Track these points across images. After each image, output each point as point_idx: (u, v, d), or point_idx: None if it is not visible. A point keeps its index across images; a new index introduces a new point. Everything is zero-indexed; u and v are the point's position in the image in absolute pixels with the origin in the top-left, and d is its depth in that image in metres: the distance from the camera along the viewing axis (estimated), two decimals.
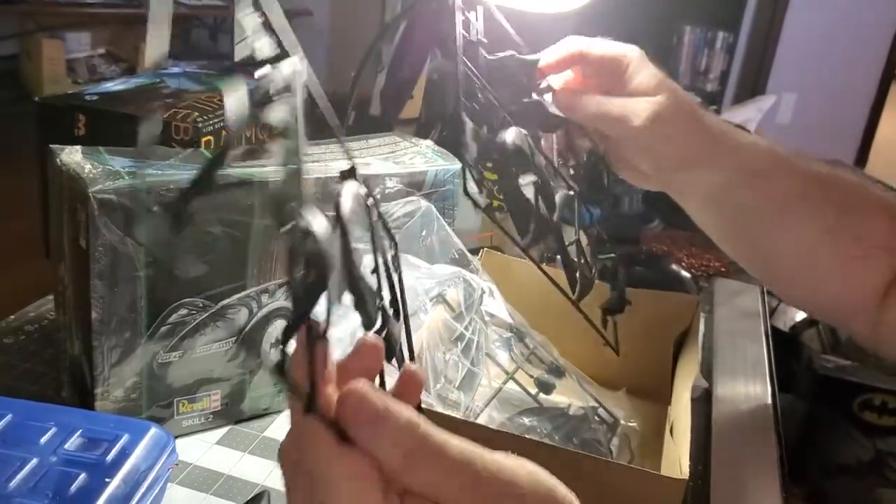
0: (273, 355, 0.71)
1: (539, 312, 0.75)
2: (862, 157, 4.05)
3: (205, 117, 0.79)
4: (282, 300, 0.69)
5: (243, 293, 0.67)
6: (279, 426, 0.73)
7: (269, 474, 0.66)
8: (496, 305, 0.76)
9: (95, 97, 0.85)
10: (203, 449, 0.69)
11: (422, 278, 0.72)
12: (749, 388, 0.86)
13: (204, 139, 0.79)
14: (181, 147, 0.79)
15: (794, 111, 3.92)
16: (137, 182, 0.60)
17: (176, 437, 0.68)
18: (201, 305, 0.64)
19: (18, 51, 4.08)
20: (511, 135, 0.53)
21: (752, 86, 3.83)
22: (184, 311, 0.64)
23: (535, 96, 0.65)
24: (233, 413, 0.71)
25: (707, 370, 0.89)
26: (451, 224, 0.79)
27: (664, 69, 0.73)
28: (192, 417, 0.68)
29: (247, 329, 0.68)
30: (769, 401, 0.85)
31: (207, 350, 0.66)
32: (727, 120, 0.81)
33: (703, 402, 0.83)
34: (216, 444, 0.70)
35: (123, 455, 0.51)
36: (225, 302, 0.66)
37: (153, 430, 0.54)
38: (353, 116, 1.02)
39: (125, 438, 0.53)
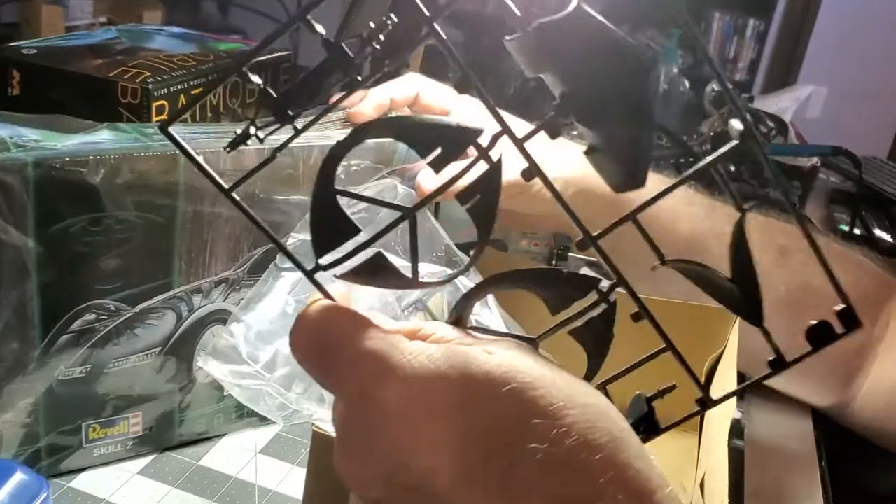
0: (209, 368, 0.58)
1: (544, 326, 0.63)
2: (894, 155, 3.91)
3: (158, 78, 0.66)
4: (219, 301, 0.56)
5: (168, 294, 0.54)
6: (218, 454, 0.60)
7: None
8: (490, 315, 0.63)
9: (34, 51, 0.72)
10: (120, 481, 0.57)
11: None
12: (788, 415, 0.74)
13: (155, 104, 0.66)
14: (129, 112, 0.66)
15: (825, 106, 3.79)
16: (23, 155, 0.46)
17: (85, 469, 0.56)
18: (113, 309, 0.52)
19: (18, 19, 3.98)
20: None
21: (783, 77, 3.69)
22: (91, 317, 0.51)
23: None
24: (161, 439, 0.58)
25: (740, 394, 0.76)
26: (436, 213, 0.66)
27: (691, 57, 0.67)
28: (107, 445, 0.56)
29: (175, 338, 0.55)
30: (812, 432, 0.72)
31: (124, 363, 0.54)
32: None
33: (734, 434, 0.70)
34: (138, 474, 0.58)
35: None
36: (145, 305, 0.53)
37: (19, 475, 0.41)
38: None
39: None
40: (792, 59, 3.71)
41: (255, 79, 0.31)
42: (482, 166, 0.32)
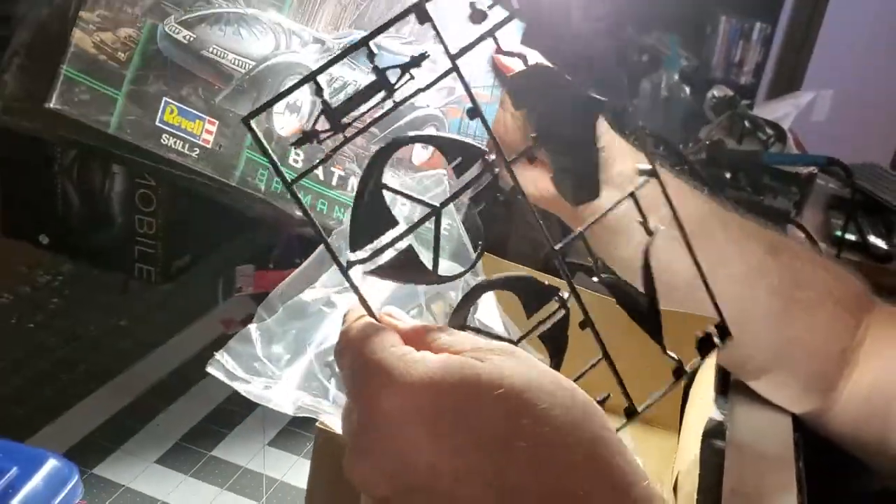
0: None
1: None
2: None
3: None
4: (310, 59, 0.59)
5: (276, 17, 0.56)
6: (229, 445, 0.64)
7: None
8: (490, 315, 0.66)
9: None
10: (139, 469, 0.61)
11: None
12: (769, 417, 0.77)
13: None
14: None
15: (831, 109, 3.77)
16: None
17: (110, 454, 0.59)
18: None
19: None
20: None
21: (788, 80, 3.68)
22: None
23: None
24: (221, 165, 0.58)
25: (723, 390, 0.79)
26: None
27: (696, 60, 0.70)
28: (175, 138, 0.55)
29: (263, 66, 0.57)
30: (791, 434, 0.76)
31: (219, 58, 0.55)
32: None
33: (715, 437, 0.74)
34: (155, 462, 0.62)
35: (8, 495, 0.43)
36: (255, 11, 0.56)
37: (51, 462, 0.46)
38: None
39: (13, 473, 0.44)
40: (798, 63, 3.70)
41: (322, 94, 0.37)
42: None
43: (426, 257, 0.40)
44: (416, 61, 0.38)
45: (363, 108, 0.39)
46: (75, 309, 0.79)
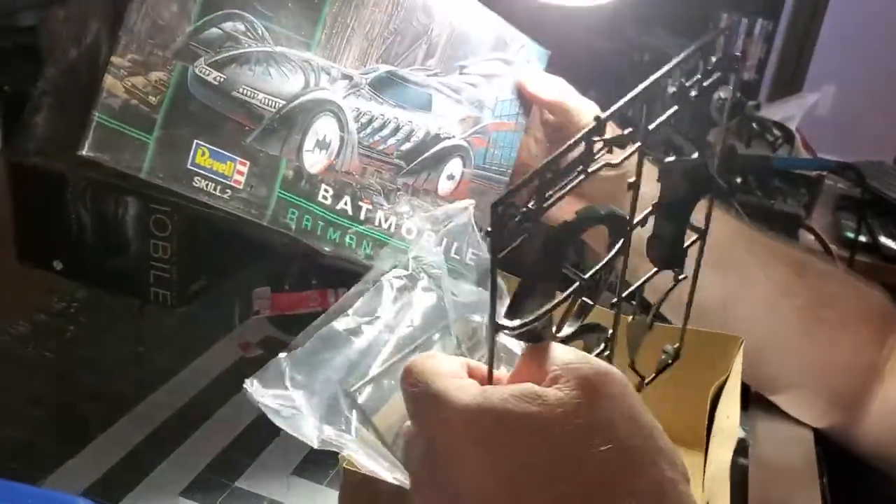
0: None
1: None
2: None
3: None
4: (339, 95, 0.59)
5: (305, 53, 0.56)
6: (252, 475, 0.64)
7: None
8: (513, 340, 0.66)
9: None
10: (163, 501, 0.60)
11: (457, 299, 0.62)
12: (791, 433, 0.77)
13: None
14: None
15: (834, 103, 3.77)
16: None
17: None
18: (259, 33, 0.54)
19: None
20: None
21: (791, 75, 3.67)
22: (240, 26, 0.54)
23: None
24: (254, 205, 0.57)
25: (743, 405, 0.78)
26: None
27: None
28: (207, 180, 0.55)
29: (294, 104, 0.56)
30: (813, 449, 0.75)
31: (249, 98, 0.55)
32: None
33: (739, 452, 0.73)
34: (180, 495, 0.61)
35: None
36: (283, 49, 0.55)
37: None
38: None
39: None
40: (800, 59, 3.69)
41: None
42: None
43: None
44: (622, 139, 0.40)
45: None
46: (92, 336, 0.79)
